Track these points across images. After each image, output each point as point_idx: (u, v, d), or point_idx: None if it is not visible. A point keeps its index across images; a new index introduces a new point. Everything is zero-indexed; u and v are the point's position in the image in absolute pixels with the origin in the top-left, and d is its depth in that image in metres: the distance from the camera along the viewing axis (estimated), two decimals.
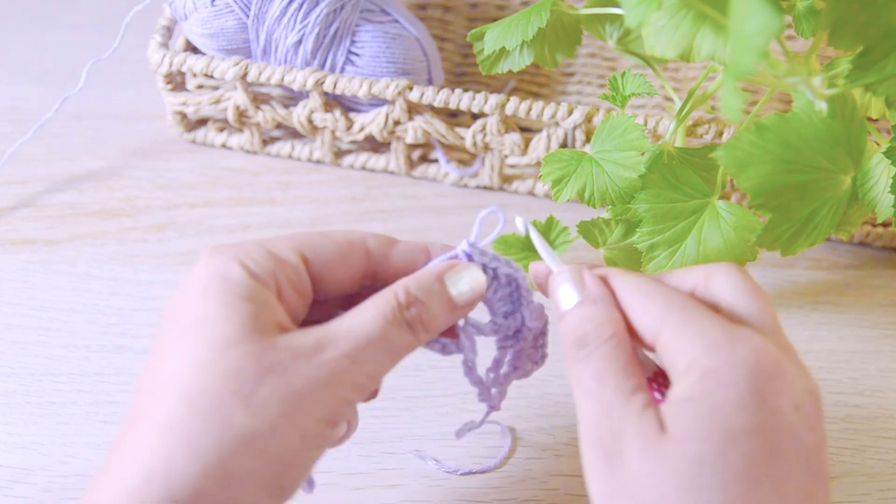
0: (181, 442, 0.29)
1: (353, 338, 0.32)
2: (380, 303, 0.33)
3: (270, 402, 0.30)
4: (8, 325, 0.53)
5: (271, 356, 0.30)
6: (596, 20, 0.54)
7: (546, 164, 0.47)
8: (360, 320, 0.33)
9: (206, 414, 0.29)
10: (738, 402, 0.30)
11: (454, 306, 0.36)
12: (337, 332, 0.32)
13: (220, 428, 0.29)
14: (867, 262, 0.58)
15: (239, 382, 0.30)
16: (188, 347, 0.31)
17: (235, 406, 0.29)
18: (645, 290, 0.34)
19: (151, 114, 0.66)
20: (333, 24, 0.58)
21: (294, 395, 0.30)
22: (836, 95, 0.38)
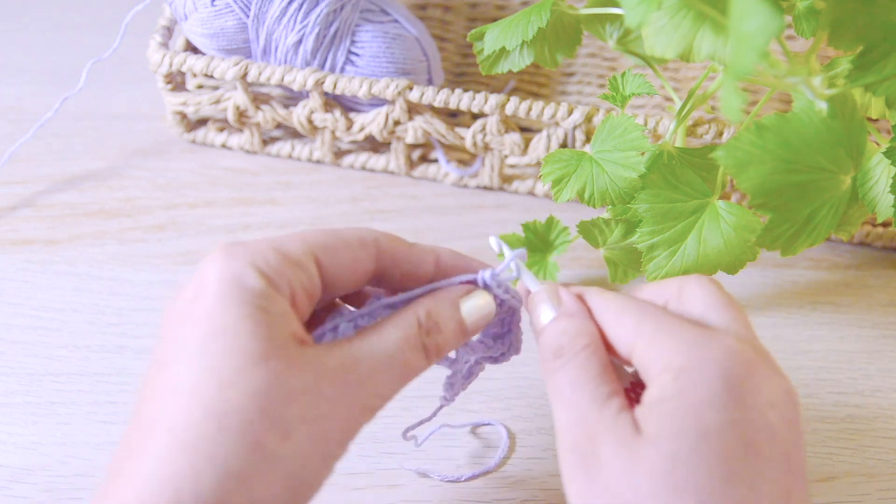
0: (210, 462, 0.28)
1: (375, 361, 0.32)
2: (403, 325, 0.34)
3: (298, 425, 0.29)
4: (8, 325, 0.53)
5: (298, 375, 0.30)
6: (596, 20, 0.54)
7: (546, 164, 0.47)
8: (384, 344, 0.33)
9: (234, 434, 0.29)
10: (712, 399, 0.30)
11: (465, 332, 0.36)
12: (360, 353, 0.32)
13: (250, 450, 0.29)
14: (867, 262, 0.59)
15: (267, 402, 0.29)
16: (211, 361, 0.29)
17: (265, 428, 0.29)
18: (619, 305, 0.35)
19: (151, 114, 0.66)
20: (333, 24, 0.58)
21: (320, 418, 0.30)
22: (836, 95, 0.38)
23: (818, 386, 0.52)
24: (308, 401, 0.30)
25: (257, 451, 0.29)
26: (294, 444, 0.29)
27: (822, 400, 0.51)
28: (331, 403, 0.30)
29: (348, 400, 0.31)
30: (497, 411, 0.50)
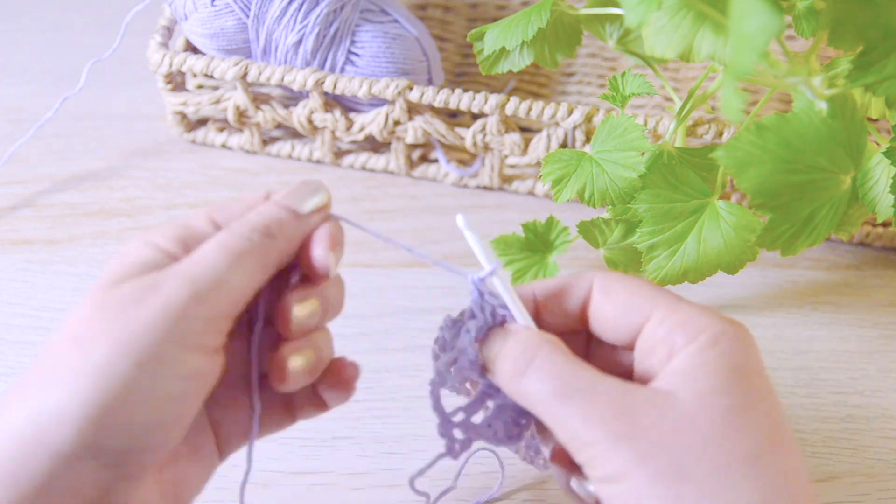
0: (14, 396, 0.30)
1: (189, 263, 0.31)
2: (223, 231, 0.33)
3: (97, 333, 0.29)
4: (8, 325, 0.53)
5: (112, 295, 0.30)
6: (596, 20, 0.54)
7: (546, 164, 0.47)
8: (200, 250, 0.32)
9: (43, 362, 0.30)
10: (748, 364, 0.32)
11: (302, 217, 0.35)
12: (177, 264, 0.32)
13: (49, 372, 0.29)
14: (867, 262, 0.59)
15: (76, 327, 0.30)
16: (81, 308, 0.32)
17: (66, 346, 0.30)
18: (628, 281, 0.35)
19: (151, 114, 0.66)
20: (333, 24, 0.58)
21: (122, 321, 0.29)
22: (836, 95, 0.38)
23: (818, 386, 0.52)
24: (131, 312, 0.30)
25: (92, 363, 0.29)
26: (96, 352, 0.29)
27: (822, 400, 0.51)
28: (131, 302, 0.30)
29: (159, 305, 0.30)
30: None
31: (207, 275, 0.31)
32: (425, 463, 0.47)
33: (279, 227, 0.34)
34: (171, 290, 0.30)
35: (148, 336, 0.29)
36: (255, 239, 0.33)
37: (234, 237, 0.33)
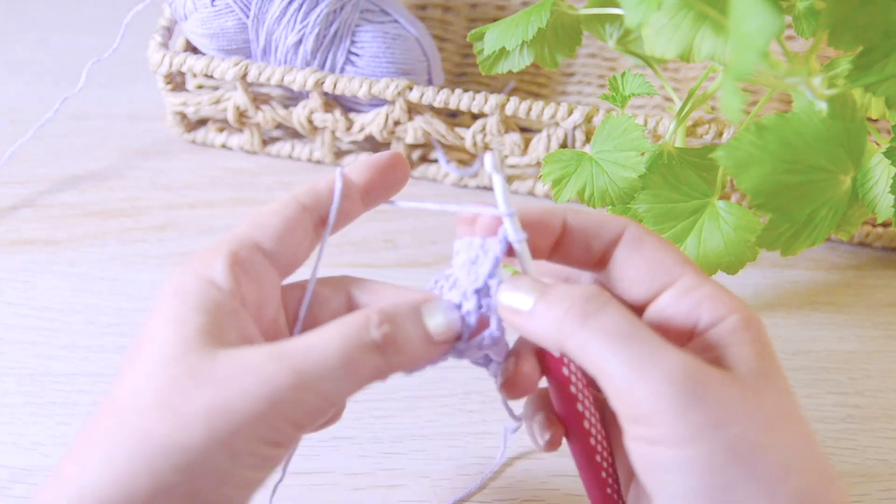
0: (99, 455, 0.28)
1: (306, 354, 0.29)
2: (345, 321, 0.30)
3: (197, 414, 0.28)
4: (8, 326, 0.53)
5: (209, 368, 0.28)
6: (596, 20, 0.54)
7: (546, 164, 0.47)
8: (320, 337, 0.30)
9: (128, 427, 0.28)
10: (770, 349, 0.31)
11: (430, 338, 0.32)
12: (291, 346, 0.29)
13: (138, 439, 0.28)
14: (867, 262, 0.59)
15: (169, 395, 0.28)
16: (133, 368, 0.29)
17: (158, 417, 0.28)
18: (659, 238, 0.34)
19: (151, 114, 0.66)
20: (333, 24, 0.58)
21: (226, 408, 0.28)
22: (836, 95, 0.38)
23: (818, 386, 0.52)
24: (214, 392, 0.28)
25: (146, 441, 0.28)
26: (190, 433, 0.27)
27: (822, 400, 0.51)
28: (242, 395, 0.28)
29: (267, 393, 0.28)
30: (497, 411, 0.50)
31: (315, 376, 0.29)
32: (424, 464, 0.47)
33: (409, 344, 0.31)
34: (276, 386, 0.28)
35: (246, 429, 0.28)
36: (380, 350, 0.30)
37: (359, 339, 0.30)
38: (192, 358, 0.29)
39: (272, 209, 0.34)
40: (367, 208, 0.36)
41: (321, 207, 0.34)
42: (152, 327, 0.30)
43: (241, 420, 0.28)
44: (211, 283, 0.31)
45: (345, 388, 0.30)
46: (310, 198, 0.34)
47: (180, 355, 0.29)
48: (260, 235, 0.33)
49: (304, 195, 0.34)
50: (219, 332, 0.30)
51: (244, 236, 0.32)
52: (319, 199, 0.34)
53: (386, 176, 0.36)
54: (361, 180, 0.35)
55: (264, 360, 0.29)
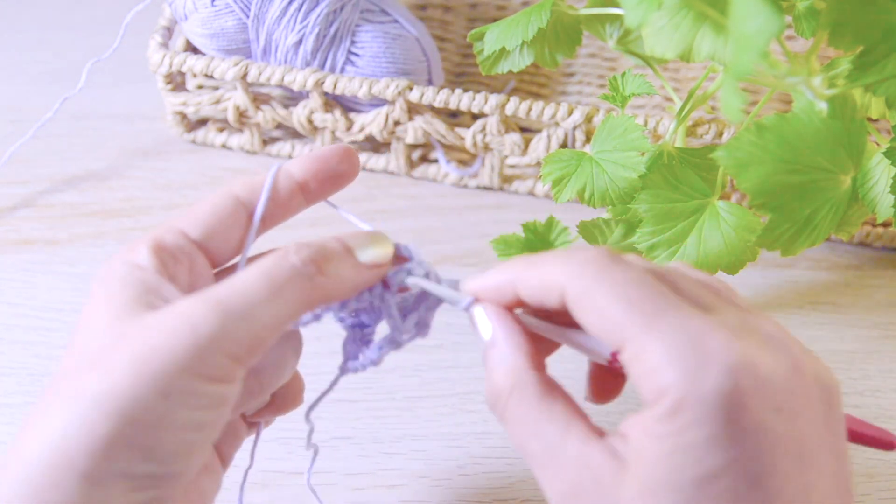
0: (38, 426, 0.28)
1: (230, 289, 0.29)
2: (265, 256, 0.31)
3: (122, 360, 0.28)
4: (8, 326, 0.53)
5: (137, 324, 0.29)
6: (596, 20, 0.54)
7: (546, 164, 0.47)
8: (243, 274, 0.30)
9: (63, 392, 0.29)
10: (711, 439, 0.27)
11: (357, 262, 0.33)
12: (216, 288, 0.30)
13: (71, 399, 0.28)
14: (867, 262, 0.59)
15: (98, 354, 0.29)
16: (70, 348, 0.31)
17: (88, 375, 0.28)
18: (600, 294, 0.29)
19: (151, 114, 0.66)
20: (333, 24, 0.58)
21: (152, 351, 0.28)
22: (836, 95, 0.38)
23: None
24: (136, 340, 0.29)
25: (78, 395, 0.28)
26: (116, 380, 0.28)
27: None
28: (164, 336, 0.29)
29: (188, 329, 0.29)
30: None
31: (241, 306, 0.29)
32: (424, 464, 0.47)
33: (333, 265, 0.32)
34: (199, 321, 0.29)
35: (174, 367, 0.28)
36: (303, 272, 0.31)
37: (278, 266, 0.30)
38: (121, 321, 0.30)
39: (205, 201, 0.34)
40: (309, 202, 0.36)
41: (256, 200, 0.34)
42: (85, 312, 0.31)
43: (168, 359, 0.28)
44: (135, 265, 0.32)
45: (275, 314, 0.30)
46: (245, 190, 0.34)
47: (110, 322, 0.30)
48: (187, 225, 0.33)
49: (239, 187, 0.34)
50: (147, 300, 0.31)
51: (171, 226, 0.33)
52: (255, 192, 0.34)
53: (329, 170, 0.36)
54: (301, 174, 0.35)
55: (190, 304, 0.29)
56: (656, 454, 0.27)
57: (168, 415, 0.28)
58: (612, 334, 0.29)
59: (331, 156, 0.36)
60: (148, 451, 0.28)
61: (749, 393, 0.27)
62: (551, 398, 0.30)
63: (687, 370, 0.27)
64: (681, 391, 0.27)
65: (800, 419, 0.28)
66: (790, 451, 0.28)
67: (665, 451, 0.27)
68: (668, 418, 0.27)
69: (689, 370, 0.27)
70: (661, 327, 0.28)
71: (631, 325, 0.28)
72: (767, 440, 0.27)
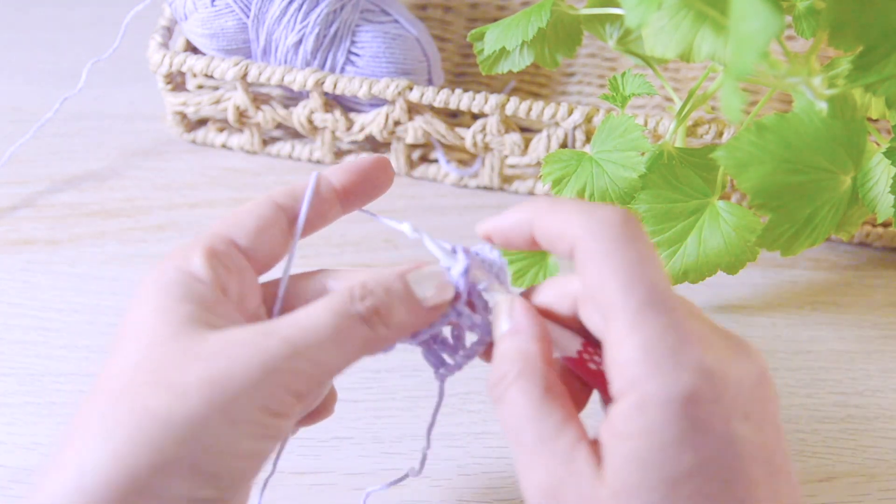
0: (97, 437, 0.28)
1: (297, 327, 0.30)
2: (332, 296, 0.31)
3: (194, 385, 0.28)
4: (8, 326, 0.53)
5: (201, 345, 0.29)
6: (596, 20, 0.54)
7: (546, 164, 0.47)
8: (308, 311, 0.31)
9: (124, 405, 0.28)
10: (683, 438, 0.27)
11: (419, 306, 0.33)
12: (280, 323, 0.30)
13: (136, 416, 0.28)
14: (867, 262, 0.59)
15: (164, 371, 0.29)
16: (123, 352, 0.30)
17: (155, 393, 0.28)
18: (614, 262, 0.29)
19: (151, 114, 0.66)
20: (333, 24, 0.58)
21: (222, 378, 0.28)
22: (836, 95, 0.38)
23: (818, 386, 0.52)
24: (209, 364, 0.29)
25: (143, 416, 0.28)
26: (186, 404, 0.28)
27: (822, 400, 0.51)
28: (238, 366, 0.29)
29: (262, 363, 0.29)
30: None
31: (308, 348, 0.30)
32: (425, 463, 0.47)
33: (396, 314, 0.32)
34: (271, 355, 0.29)
35: (245, 398, 0.28)
36: (367, 321, 0.31)
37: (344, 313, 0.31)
38: (184, 338, 0.29)
39: (247, 208, 0.34)
40: (345, 211, 0.36)
41: (297, 207, 0.35)
42: (138, 316, 0.31)
43: (239, 388, 0.28)
44: (191, 275, 0.31)
45: (338, 359, 0.31)
46: (285, 198, 0.35)
47: (171, 336, 0.30)
48: (235, 232, 0.33)
49: (279, 195, 0.35)
50: (206, 318, 0.30)
51: (220, 233, 0.33)
52: (295, 200, 0.35)
53: (367, 180, 0.36)
54: (340, 183, 0.36)
55: (255, 335, 0.30)
56: (625, 455, 0.28)
57: (234, 443, 0.29)
58: (603, 307, 0.29)
59: (369, 166, 0.36)
60: (211, 478, 0.28)
61: (718, 399, 0.27)
62: (553, 394, 0.31)
63: (659, 369, 0.27)
64: (649, 388, 0.27)
65: (767, 426, 0.29)
66: (759, 458, 0.28)
67: (634, 452, 0.27)
68: (634, 415, 0.27)
69: (662, 370, 0.27)
70: (648, 321, 0.28)
71: (622, 309, 0.28)
72: (737, 446, 0.28)
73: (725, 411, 0.28)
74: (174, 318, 0.30)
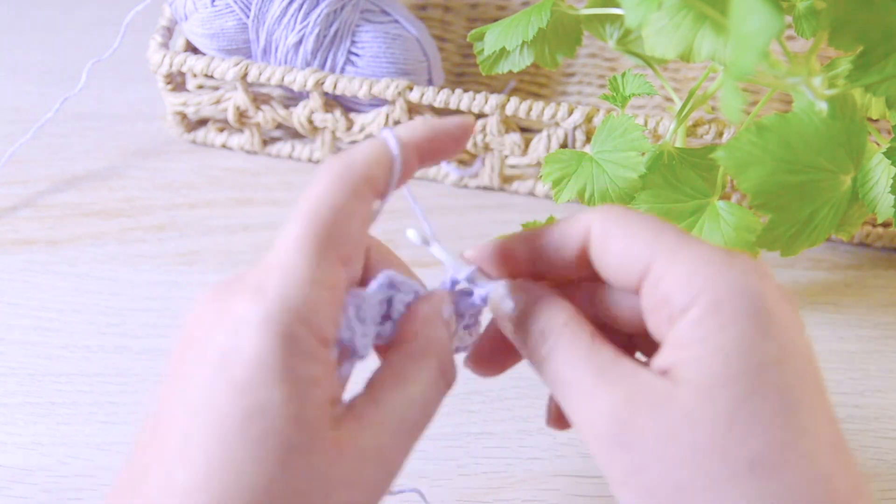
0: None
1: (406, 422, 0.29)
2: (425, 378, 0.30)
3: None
4: (8, 326, 0.53)
5: (339, 466, 0.27)
6: (596, 20, 0.54)
7: (546, 164, 0.47)
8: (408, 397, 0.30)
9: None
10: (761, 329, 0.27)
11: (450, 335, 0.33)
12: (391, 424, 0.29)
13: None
14: (867, 262, 0.59)
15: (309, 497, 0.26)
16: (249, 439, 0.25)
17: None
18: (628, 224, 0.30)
19: (151, 114, 0.66)
20: (333, 24, 0.58)
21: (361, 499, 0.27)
22: (836, 96, 0.38)
23: None
24: (348, 488, 0.27)
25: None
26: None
27: None
28: (371, 482, 0.28)
29: (386, 469, 0.28)
30: (497, 411, 0.50)
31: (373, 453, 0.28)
32: (425, 464, 0.47)
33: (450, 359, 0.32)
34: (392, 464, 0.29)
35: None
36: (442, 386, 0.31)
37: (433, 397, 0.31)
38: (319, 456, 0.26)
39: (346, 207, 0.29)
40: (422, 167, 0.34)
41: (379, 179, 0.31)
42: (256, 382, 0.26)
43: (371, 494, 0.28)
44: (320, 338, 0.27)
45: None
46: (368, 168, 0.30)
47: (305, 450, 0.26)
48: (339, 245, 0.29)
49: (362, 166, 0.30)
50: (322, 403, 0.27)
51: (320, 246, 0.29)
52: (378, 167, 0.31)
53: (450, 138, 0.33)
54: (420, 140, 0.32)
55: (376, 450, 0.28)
56: (703, 355, 0.27)
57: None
58: (638, 260, 0.29)
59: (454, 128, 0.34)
60: None
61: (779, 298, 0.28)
62: (599, 336, 0.30)
63: (720, 271, 0.27)
64: (717, 287, 0.27)
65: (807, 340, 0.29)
66: (811, 361, 0.28)
67: (712, 350, 0.27)
68: (708, 317, 0.27)
69: (723, 271, 0.27)
70: (691, 246, 0.28)
71: (660, 247, 0.28)
72: (799, 343, 0.28)
73: (786, 310, 0.28)
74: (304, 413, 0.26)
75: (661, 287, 0.28)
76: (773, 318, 0.27)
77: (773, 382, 0.26)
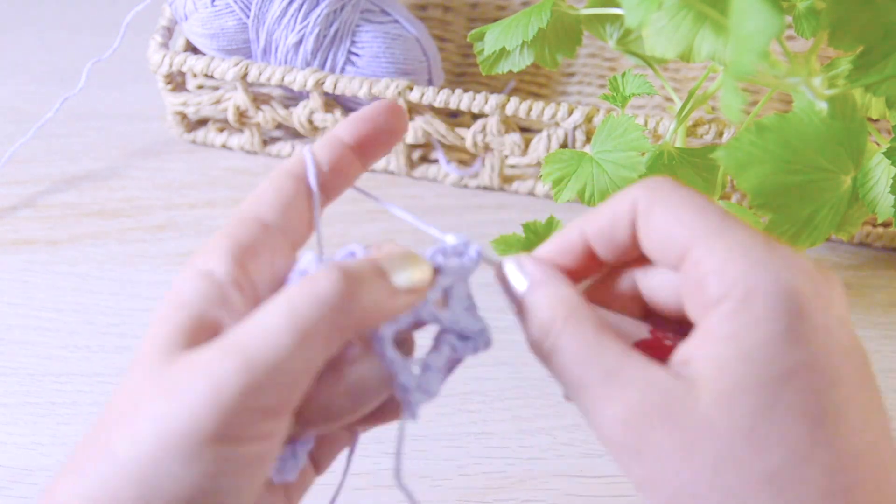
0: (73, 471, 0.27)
1: (254, 338, 0.27)
2: (292, 289, 0.28)
3: (145, 426, 0.26)
4: (8, 326, 0.53)
5: (166, 376, 0.27)
6: (596, 20, 0.54)
7: (546, 164, 0.47)
8: (263, 313, 0.27)
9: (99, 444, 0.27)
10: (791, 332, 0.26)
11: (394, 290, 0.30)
12: (243, 333, 0.27)
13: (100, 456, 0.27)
14: (867, 262, 0.59)
15: (131, 411, 0.27)
16: (124, 379, 0.29)
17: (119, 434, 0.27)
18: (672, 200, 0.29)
19: (151, 114, 0.66)
20: (333, 24, 0.58)
21: (169, 416, 0.26)
22: (836, 95, 0.38)
23: None
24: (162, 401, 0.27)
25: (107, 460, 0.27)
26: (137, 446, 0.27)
27: None
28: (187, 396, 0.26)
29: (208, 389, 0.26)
30: (497, 411, 0.50)
31: (267, 355, 0.26)
32: (425, 464, 0.47)
33: (366, 291, 0.28)
34: (222, 379, 0.26)
35: (197, 435, 0.26)
36: (333, 304, 0.27)
37: (304, 301, 0.27)
38: (160, 366, 0.28)
39: (267, 184, 0.32)
40: (366, 166, 0.34)
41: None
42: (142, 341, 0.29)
43: (189, 427, 0.26)
44: (204, 274, 0.29)
45: (306, 360, 0.27)
46: (298, 166, 0.32)
47: (151, 364, 0.28)
48: (262, 211, 0.31)
49: (293, 166, 0.32)
50: (196, 327, 0.28)
51: (243, 217, 0.31)
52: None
53: (380, 128, 0.33)
54: (352, 137, 0.33)
55: (215, 358, 0.27)
56: (728, 357, 0.26)
57: (193, 482, 0.26)
58: (680, 239, 0.28)
59: (377, 113, 0.34)
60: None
61: (819, 295, 0.27)
62: (606, 329, 0.29)
63: (757, 263, 0.26)
64: (751, 281, 0.26)
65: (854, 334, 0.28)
66: (853, 361, 0.27)
67: (738, 352, 0.26)
68: (738, 311, 0.26)
69: (760, 263, 0.26)
70: (733, 232, 0.27)
71: (703, 228, 0.28)
72: (836, 345, 0.27)
73: (822, 309, 0.26)
74: (162, 337, 0.28)
75: (698, 271, 0.27)
76: (806, 320, 0.26)
77: (799, 391, 0.25)
